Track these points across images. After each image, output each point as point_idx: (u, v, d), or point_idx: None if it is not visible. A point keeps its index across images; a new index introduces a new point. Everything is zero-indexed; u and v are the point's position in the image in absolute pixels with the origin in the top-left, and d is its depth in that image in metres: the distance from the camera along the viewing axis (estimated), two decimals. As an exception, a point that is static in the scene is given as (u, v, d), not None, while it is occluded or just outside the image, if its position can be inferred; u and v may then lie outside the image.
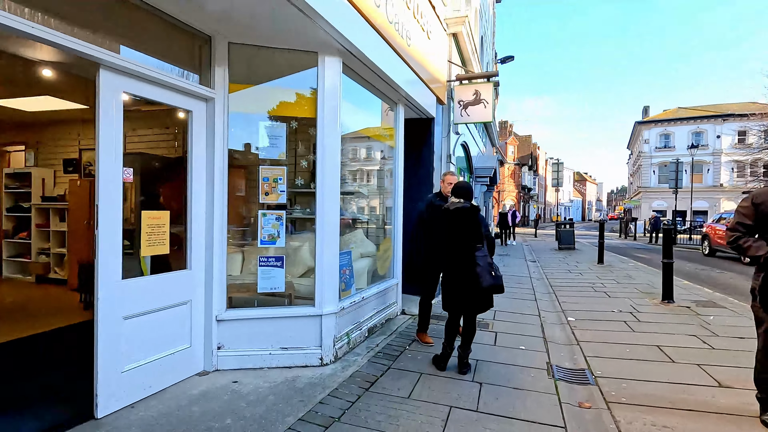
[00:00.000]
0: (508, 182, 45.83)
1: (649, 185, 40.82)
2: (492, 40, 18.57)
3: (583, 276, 9.37)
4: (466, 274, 3.45)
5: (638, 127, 43.59)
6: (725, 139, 37.74)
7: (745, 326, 5.15)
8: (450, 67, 7.10)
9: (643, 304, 6.41)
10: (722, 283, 9.28)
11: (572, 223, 16.80)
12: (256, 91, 3.72)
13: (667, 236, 6.38)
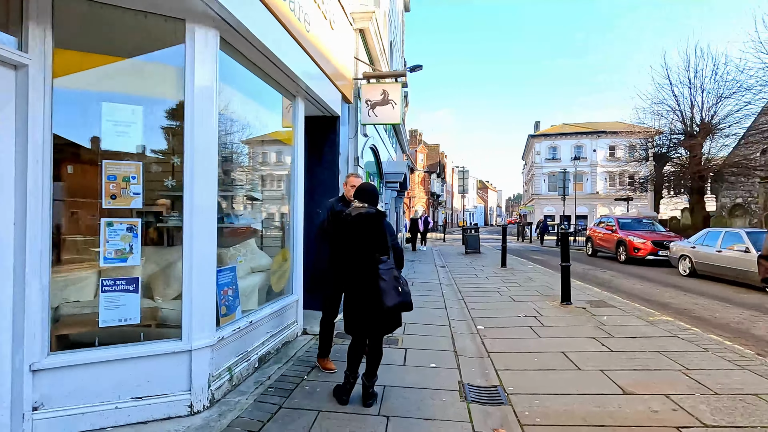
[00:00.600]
0: (418, 189, 47.31)
1: (540, 193, 45.10)
2: (401, 48, 18.78)
3: (489, 280, 9.58)
4: (369, 290, 2.97)
5: (531, 140, 48.09)
6: (600, 153, 43.28)
7: (633, 325, 5.45)
8: (357, 64, 6.69)
9: (544, 306, 6.58)
10: (607, 282, 10.15)
11: (477, 228, 17.58)
12: (100, 64, 2.86)
13: (564, 241, 6.64)
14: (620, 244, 14.93)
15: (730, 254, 9.87)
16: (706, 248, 10.80)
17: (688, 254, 11.34)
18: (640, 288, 9.39)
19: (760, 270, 7.56)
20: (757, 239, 9.69)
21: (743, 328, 5.84)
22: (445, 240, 27.06)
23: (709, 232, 11.28)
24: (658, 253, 13.57)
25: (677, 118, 20.85)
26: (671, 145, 22.80)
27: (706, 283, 10.02)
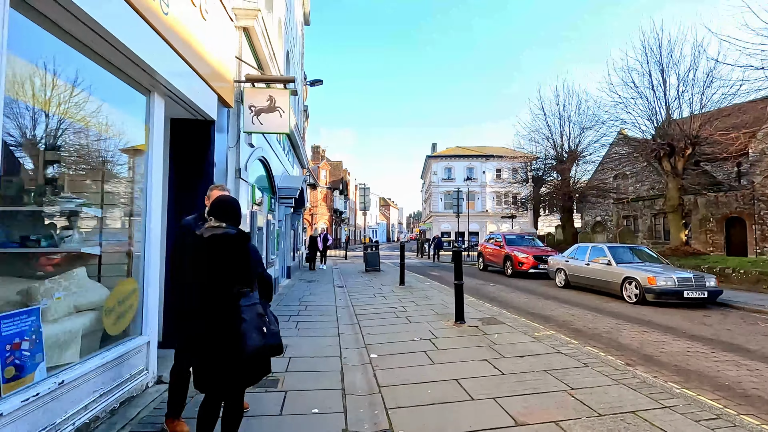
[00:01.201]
0: (321, 205, 46.53)
1: (438, 210, 47.49)
2: (301, 60, 18.23)
3: (387, 300, 9.31)
4: (224, 333, 2.33)
5: (429, 161, 50.68)
6: (488, 175, 47.25)
7: (522, 342, 5.51)
8: (240, 65, 5.98)
9: (439, 327, 6.43)
10: (497, 297, 10.59)
11: (377, 245, 17.50)
12: None
13: (457, 259, 6.61)
14: (507, 259, 15.99)
15: (596, 267, 11.02)
16: (577, 262, 11.97)
17: (563, 267, 12.47)
18: (525, 301, 9.94)
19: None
20: (616, 252, 10.99)
21: (612, 338, 6.31)
22: (347, 257, 26.66)
23: (579, 246, 12.57)
24: (539, 266, 14.78)
25: (550, 145, 23.56)
26: (546, 169, 25.65)
27: (578, 294, 11.03)
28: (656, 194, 22.78)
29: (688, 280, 9.15)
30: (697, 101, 15.24)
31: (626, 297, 9.74)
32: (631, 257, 10.93)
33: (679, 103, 15.82)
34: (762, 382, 4.41)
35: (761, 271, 11.17)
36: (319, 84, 19.65)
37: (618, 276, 10.11)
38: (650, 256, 11.27)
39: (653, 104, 16.29)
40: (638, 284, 9.43)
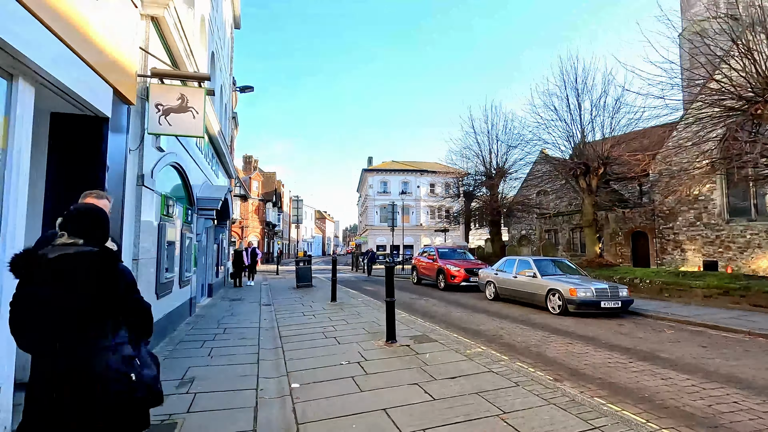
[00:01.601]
0: (252, 218, 44.46)
1: (373, 224, 47.52)
2: (230, 65, 17.28)
3: (316, 318, 8.77)
4: (77, 381, 1.77)
5: (365, 174, 50.78)
6: (423, 189, 48.36)
7: (453, 362, 5.31)
8: (146, 57, 5.27)
9: (369, 348, 6.06)
10: (430, 311, 10.48)
11: (310, 259, 16.83)
12: None
13: (389, 275, 6.33)
14: (440, 273, 16.13)
15: (523, 279, 11.38)
16: (505, 274, 12.30)
17: (492, 280, 12.75)
18: (458, 315, 9.92)
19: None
20: (541, 265, 11.44)
21: (540, 351, 6.36)
22: (279, 273, 25.48)
23: (507, 260, 12.96)
24: (470, 279, 15.05)
25: (480, 162, 24.54)
26: (476, 185, 26.65)
27: (507, 306, 11.28)
28: (574, 210, 24.57)
29: (605, 291, 9.70)
30: (607, 125, 16.72)
31: (550, 308, 10.10)
32: (554, 269, 11.43)
33: (592, 126, 17.25)
34: (677, 391, 4.57)
35: (664, 280, 12.25)
36: (250, 90, 18.74)
37: (543, 288, 10.49)
38: (570, 268, 11.88)
39: (570, 126, 17.61)
40: (561, 296, 9.82)
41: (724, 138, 13.45)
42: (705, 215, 18.13)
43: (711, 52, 11.49)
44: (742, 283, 10.41)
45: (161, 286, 6.27)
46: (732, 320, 8.72)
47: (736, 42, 10.80)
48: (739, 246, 16.93)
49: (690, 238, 18.64)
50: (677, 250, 19.05)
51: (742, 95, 10.52)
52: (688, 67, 12.61)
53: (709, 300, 10.77)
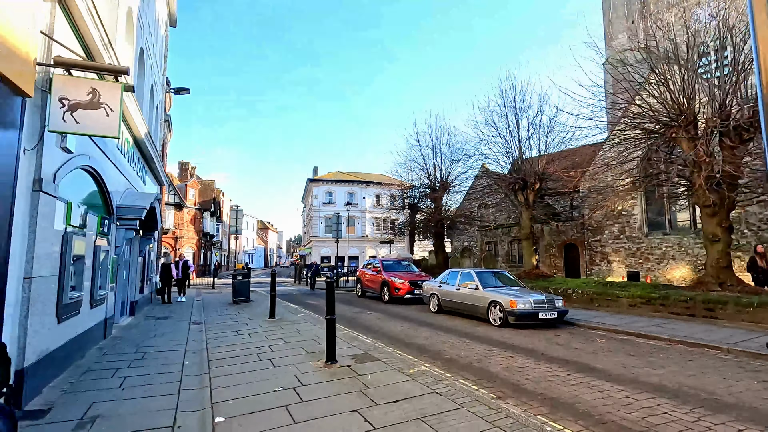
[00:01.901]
0: (187, 228, 41.80)
1: (318, 235, 46.61)
2: (163, 64, 16.13)
3: (252, 338, 8.15)
4: None
5: (310, 184, 49.85)
6: (368, 200, 48.34)
7: (396, 383, 5.05)
8: (49, 44, 4.57)
9: (308, 370, 5.64)
10: (374, 326, 10.19)
11: (249, 272, 15.91)
12: None
13: (330, 291, 5.97)
14: (384, 285, 15.94)
15: (465, 291, 11.47)
16: (448, 287, 12.36)
17: (436, 292, 12.76)
18: (401, 329, 9.72)
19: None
20: (482, 277, 11.61)
21: (483, 366, 6.29)
22: (215, 287, 23.97)
23: (450, 272, 13.05)
24: (414, 292, 15.00)
25: (424, 175, 24.90)
26: (421, 197, 27.01)
27: (450, 319, 11.29)
28: (512, 223, 25.62)
29: (542, 302, 10.00)
30: (543, 142, 17.64)
31: (492, 320, 10.23)
32: (495, 281, 11.65)
33: (529, 144, 18.13)
34: (612, 404, 4.63)
35: (593, 291, 12.95)
36: (186, 93, 17.60)
37: (485, 300, 10.61)
38: (510, 279, 12.19)
39: (509, 143, 18.38)
40: (502, 307, 9.98)
41: (644, 158, 14.66)
42: (627, 229, 19.63)
43: (633, 78, 12.49)
44: (661, 292, 11.22)
45: (64, 308, 5.43)
46: (654, 328, 9.30)
47: (654, 71, 11.82)
48: (656, 257, 18.47)
49: (615, 250, 20.07)
50: (604, 261, 20.41)
51: (660, 120, 11.49)
52: (613, 92, 13.62)
53: (633, 309, 11.49)
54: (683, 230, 18.00)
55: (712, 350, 7.53)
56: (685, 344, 7.98)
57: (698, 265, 16.88)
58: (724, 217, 10.95)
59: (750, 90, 10.52)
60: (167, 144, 20.67)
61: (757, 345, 7.53)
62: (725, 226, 11.01)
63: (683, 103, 11.07)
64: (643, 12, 24.60)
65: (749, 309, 9.24)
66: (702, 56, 11.98)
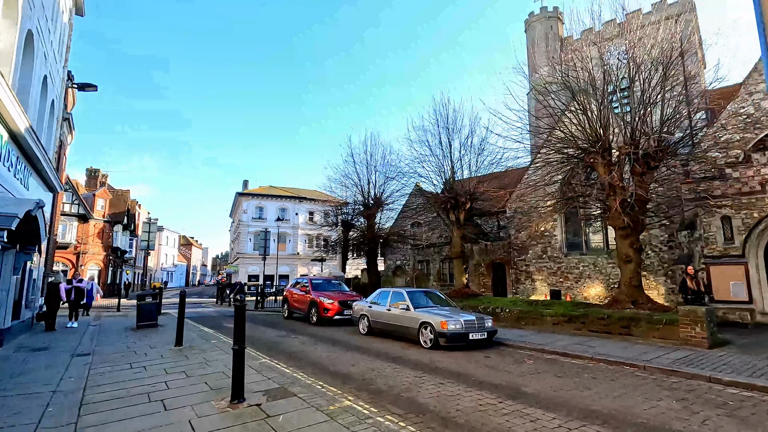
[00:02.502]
0: (94, 242, 37.31)
1: (246, 252, 44.04)
2: (64, 55, 14.21)
3: (147, 371, 6.92)
4: None
5: (239, 198, 47.29)
6: (301, 217, 46.88)
7: (311, 424, 4.33)
8: None
9: (207, 413, 4.71)
10: (297, 353, 9.30)
11: (159, 293, 14.15)
12: None
13: (239, 315, 5.13)
14: (313, 306, 15.03)
15: (397, 312, 11.01)
16: (379, 307, 11.83)
17: (366, 313, 12.17)
18: (327, 355, 8.96)
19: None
20: (414, 297, 11.25)
21: (412, 396, 5.77)
22: (120, 309, 21.24)
23: (381, 291, 12.55)
24: (344, 312, 14.26)
25: (359, 192, 24.52)
26: (355, 214, 26.53)
27: (381, 341, 10.72)
28: (444, 242, 25.98)
29: (472, 322, 9.81)
30: (474, 163, 18.10)
31: (422, 342, 9.83)
32: (426, 301, 11.34)
33: (461, 164, 18.50)
34: (546, 436, 4.32)
35: (520, 309, 13.18)
36: (92, 89, 15.60)
37: (416, 321, 10.22)
38: (441, 299, 11.97)
39: (442, 162, 18.63)
40: (432, 329, 9.63)
41: (564, 182, 15.50)
42: (549, 249, 20.66)
43: (555, 106, 13.19)
44: (582, 311, 11.65)
45: None
46: (577, 346, 9.48)
47: (575, 100, 12.56)
48: (575, 276, 19.55)
49: (538, 269, 20.98)
50: (528, 280, 21.24)
51: (580, 146, 12.15)
52: (538, 117, 14.32)
53: (557, 327, 11.78)
54: (597, 251, 19.29)
55: (630, 367, 7.73)
56: (605, 362, 8.14)
57: (611, 284, 18.09)
58: (636, 239, 11.72)
59: (655, 122, 11.50)
60: (66, 146, 18.18)
61: (669, 361, 7.87)
62: (636, 248, 11.77)
63: (600, 132, 11.81)
64: (562, 49, 26.84)
65: (659, 326, 9.78)
66: (615, 90, 12.97)
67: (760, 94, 15.33)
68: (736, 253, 13.14)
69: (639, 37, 12.25)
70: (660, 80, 11.58)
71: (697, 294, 11.41)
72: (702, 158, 14.03)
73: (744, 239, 13.02)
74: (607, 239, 18.87)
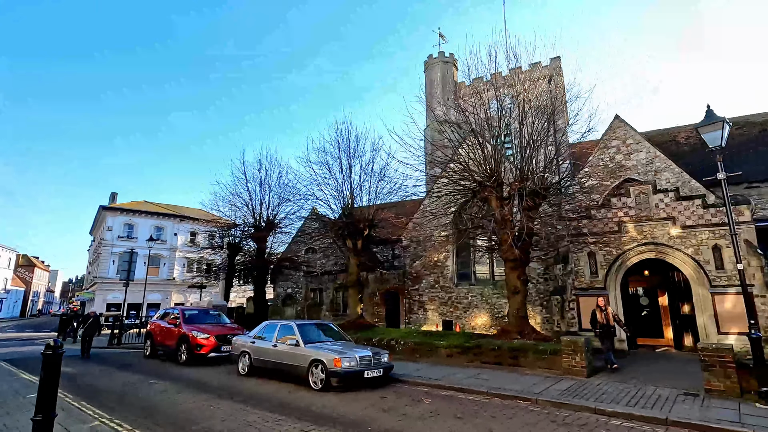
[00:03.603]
0: None
1: (106, 275, 37.54)
2: None
3: None
4: None
5: (103, 213, 40.57)
6: (181, 237, 41.92)
7: None
8: None
9: None
10: (150, 405, 7.42)
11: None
12: None
13: (50, 368, 3.56)
14: (183, 341, 12.76)
15: (284, 348, 9.70)
16: (264, 342, 10.38)
17: (248, 350, 10.59)
18: (193, 406, 7.29)
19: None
20: (304, 331, 10.08)
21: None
22: None
23: (267, 324, 11.11)
24: (222, 349, 12.34)
25: (249, 212, 22.52)
26: (244, 237, 24.28)
27: (264, 383, 9.27)
28: (339, 269, 25.08)
29: (368, 358, 9.00)
30: (373, 190, 17.79)
31: (312, 383, 8.69)
32: (318, 335, 10.27)
33: (360, 190, 18.06)
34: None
35: (415, 341, 12.81)
36: None
37: (306, 359, 9.05)
38: (334, 332, 10.98)
39: (342, 186, 17.98)
40: (324, 367, 8.57)
41: (458, 214, 16.01)
42: (441, 279, 21.13)
43: (453, 138, 13.61)
44: (475, 342, 11.68)
45: None
46: (472, 380, 9.27)
47: (473, 135, 13.09)
48: (464, 306, 20.17)
49: (430, 299, 21.25)
50: (421, 309, 21.36)
51: (476, 179, 12.57)
52: (436, 147, 14.67)
53: (451, 359, 11.60)
54: (484, 281, 20.26)
55: (524, 401, 7.65)
56: (500, 397, 7.98)
57: (495, 314, 18.99)
58: (523, 271, 12.30)
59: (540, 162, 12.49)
60: None
61: (557, 393, 8.00)
62: (523, 279, 12.35)
63: (494, 167, 12.38)
64: (457, 93, 28.91)
65: (545, 356, 10.13)
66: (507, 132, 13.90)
67: (615, 148, 18.02)
68: (600, 285, 14.68)
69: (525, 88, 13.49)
70: (542, 127, 12.74)
71: (605, 328, 10.54)
72: (571, 200, 15.68)
73: (606, 273, 14.64)
74: (493, 271, 19.94)
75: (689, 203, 13.91)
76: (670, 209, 14.06)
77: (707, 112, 8.33)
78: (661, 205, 14.23)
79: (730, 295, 13.01)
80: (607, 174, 17.67)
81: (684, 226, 13.76)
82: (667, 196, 14.24)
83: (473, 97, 13.83)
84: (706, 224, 13.54)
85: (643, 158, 17.47)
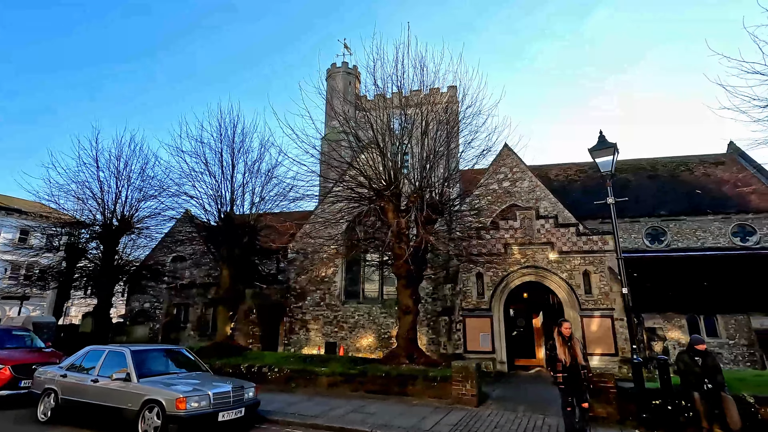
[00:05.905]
0: None
1: None
2: None
3: None
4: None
5: None
6: (6, 235, 33.45)
7: None
8: None
9: None
10: None
11: None
12: None
13: None
14: (-42, 375, 9.04)
15: (108, 384, 7.18)
16: (81, 376, 7.68)
17: (56, 387, 7.73)
18: None
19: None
20: (142, 360, 7.66)
21: None
22: None
23: (90, 351, 8.31)
24: (20, 384, 9.02)
25: (99, 208, 18.28)
26: (90, 237, 19.71)
27: (67, 437, 6.64)
28: (210, 282, 21.88)
29: (226, 395, 7.03)
30: (258, 192, 15.66)
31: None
32: (163, 365, 7.95)
33: (243, 191, 15.76)
34: None
35: (291, 368, 11.02)
36: None
37: (137, 399, 6.73)
38: (189, 361, 8.64)
39: (221, 186, 15.47)
40: (162, 411, 6.40)
41: (350, 226, 14.82)
42: (328, 296, 19.60)
43: (353, 145, 12.51)
44: (360, 368, 10.39)
45: None
46: (355, 415, 7.93)
47: (371, 145, 12.16)
48: (350, 325, 18.87)
49: (314, 318, 19.51)
50: (303, 329, 19.46)
51: (373, 186, 11.56)
52: (334, 148, 13.44)
53: (333, 389, 10.09)
54: (373, 300, 19.29)
55: (413, 442, 6.53)
56: (387, 437, 6.74)
57: (382, 334, 18.07)
58: (415, 289, 11.51)
59: (440, 174, 12.05)
60: None
61: (448, 429, 7.09)
62: (415, 298, 11.55)
63: (392, 176, 11.54)
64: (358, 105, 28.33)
65: (434, 383, 9.26)
66: (407, 144, 13.27)
67: (502, 175, 18.86)
68: (485, 307, 14.72)
69: (429, 100, 13.19)
70: (442, 140, 12.44)
71: (572, 371, 6.46)
72: (461, 222, 15.67)
73: (491, 294, 14.74)
74: (382, 289, 19.13)
75: (566, 230, 14.80)
76: (550, 235, 14.79)
77: (600, 138, 8.52)
78: (543, 231, 14.92)
79: (595, 318, 13.96)
80: (496, 198, 18.31)
81: (561, 251, 14.54)
82: (547, 222, 15.00)
83: (375, 111, 13.03)
84: (579, 251, 14.49)
85: (527, 186, 18.54)
